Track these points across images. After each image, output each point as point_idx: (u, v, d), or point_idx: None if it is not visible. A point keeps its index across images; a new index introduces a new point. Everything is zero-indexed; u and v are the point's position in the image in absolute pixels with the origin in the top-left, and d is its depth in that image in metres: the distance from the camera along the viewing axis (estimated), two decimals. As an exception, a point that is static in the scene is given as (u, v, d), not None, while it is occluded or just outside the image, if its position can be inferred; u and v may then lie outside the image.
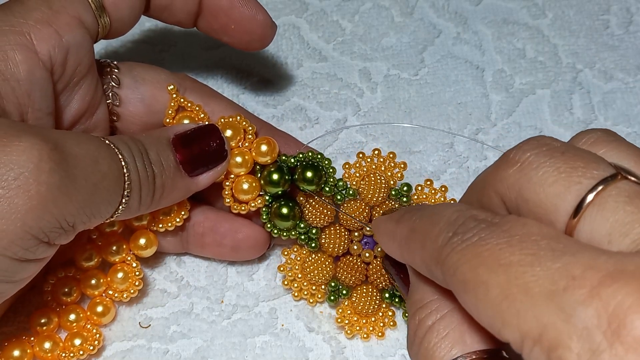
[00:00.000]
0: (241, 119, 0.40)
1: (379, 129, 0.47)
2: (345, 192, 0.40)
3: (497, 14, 0.52)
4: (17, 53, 0.33)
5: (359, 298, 0.39)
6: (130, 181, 0.34)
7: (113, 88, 0.39)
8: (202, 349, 0.40)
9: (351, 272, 0.39)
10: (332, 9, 0.52)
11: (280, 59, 0.50)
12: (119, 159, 0.34)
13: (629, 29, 0.51)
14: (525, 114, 0.48)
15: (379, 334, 0.40)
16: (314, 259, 0.40)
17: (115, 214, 0.35)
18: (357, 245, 0.40)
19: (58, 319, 0.40)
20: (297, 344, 0.40)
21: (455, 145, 0.47)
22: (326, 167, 0.40)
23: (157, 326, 0.41)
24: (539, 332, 0.23)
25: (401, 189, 0.40)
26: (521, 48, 0.50)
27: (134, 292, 0.40)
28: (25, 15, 0.34)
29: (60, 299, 0.40)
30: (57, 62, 0.35)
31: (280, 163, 0.40)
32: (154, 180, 0.36)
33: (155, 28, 0.51)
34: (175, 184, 0.37)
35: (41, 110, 0.35)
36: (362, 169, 0.40)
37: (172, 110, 0.39)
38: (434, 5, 0.52)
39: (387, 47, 0.50)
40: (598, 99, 0.48)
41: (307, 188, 0.39)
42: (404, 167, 0.40)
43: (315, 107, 0.48)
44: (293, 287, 0.40)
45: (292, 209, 0.39)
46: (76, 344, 0.39)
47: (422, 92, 0.49)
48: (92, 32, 0.37)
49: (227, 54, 0.50)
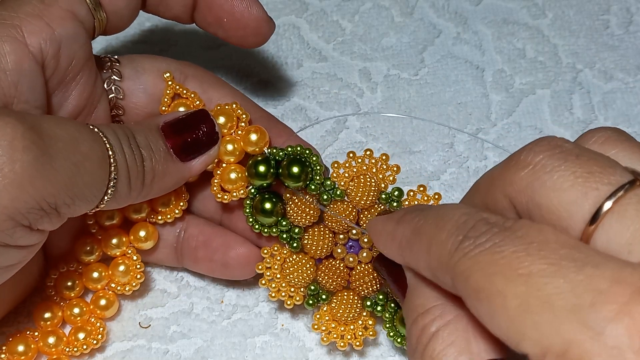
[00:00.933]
0: (236, 107, 0.39)
1: (379, 129, 0.47)
2: (332, 192, 0.38)
3: (497, 14, 0.52)
4: (6, 44, 0.33)
5: (339, 304, 0.38)
6: (116, 163, 0.34)
7: (116, 82, 0.39)
8: (202, 349, 0.40)
9: (332, 277, 0.38)
10: (332, 9, 0.52)
11: (280, 59, 0.50)
12: (102, 142, 0.33)
13: (629, 29, 0.51)
14: (525, 114, 0.48)
15: (357, 343, 0.38)
16: (295, 259, 0.38)
17: (104, 199, 0.34)
18: (341, 248, 0.38)
19: (62, 313, 0.40)
20: (297, 344, 0.40)
21: (456, 145, 0.47)
22: (313, 164, 0.38)
23: (157, 326, 0.41)
24: (564, 349, 0.22)
25: (392, 194, 0.38)
26: (521, 48, 0.50)
27: (136, 285, 0.40)
28: (17, 9, 0.34)
29: (63, 293, 0.40)
30: (49, 55, 0.34)
31: (269, 155, 0.39)
32: (143, 164, 0.35)
33: (155, 28, 0.51)
34: (167, 169, 0.36)
35: (28, 102, 0.34)
36: (351, 169, 0.38)
37: (168, 98, 0.39)
38: (434, 5, 0.52)
39: (387, 47, 0.50)
40: (598, 99, 0.48)
41: (291, 184, 0.38)
42: (397, 171, 0.39)
43: (315, 107, 0.48)
44: (271, 287, 0.38)
45: (275, 205, 0.38)
46: (80, 338, 0.39)
47: (422, 92, 0.49)
48: (87, 26, 0.36)
49: (227, 53, 0.50)
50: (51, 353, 0.39)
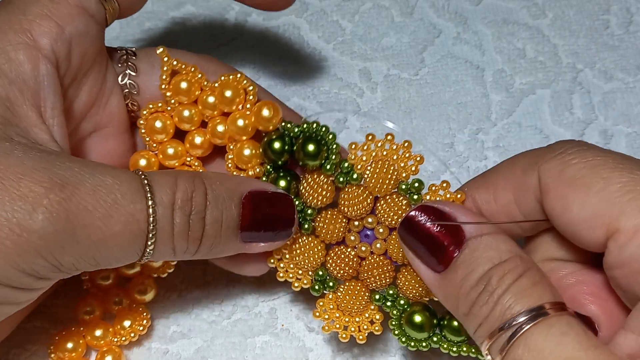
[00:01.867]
0: (241, 77, 0.37)
1: (379, 129, 0.47)
2: (348, 176, 0.36)
3: (497, 14, 0.52)
4: (20, 53, 0.32)
5: (345, 294, 0.36)
6: (155, 231, 0.31)
7: (130, 76, 0.37)
8: (202, 349, 0.40)
9: (341, 265, 0.36)
10: (332, 9, 0.52)
11: (280, 59, 0.50)
12: (144, 209, 0.31)
13: (629, 29, 0.51)
14: (525, 114, 0.48)
15: (360, 337, 0.36)
16: (305, 241, 0.37)
17: (142, 258, 0.32)
18: (354, 235, 0.36)
19: (102, 305, 0.40)
20: (297, 344, 0.40)
21: (456, 145, 0.47)
22: (330, 142, 0.36)
23: (157, 326, 0.41)
24: None
25: (412, 185, 0.36)
26: (521, 48, 0.50)
27: (144, 330, 0.40)
28: (25, 10, 0.33)
29: (99, 285, 0.40)
30: (62, 55, 0.34)
31: (283, 131, 0.37)
32: (201, 238, 0.33)
33: (155, 28, 0.51)
34: (226, 247, 0.34)
35: (55, 108, 0.33)
36: (370, 152, 0.36)
37: (167, 75, 0.37)
38: (434, 5, 0.52)
39: (387, 47, 0.50)
40: (598, 98, 0.48)
41: (308, 163, 0.36)
42: (421, 161, 0.36)
43: (315, 107, 0.48)
44: (279, 267, 0.37)
45: (289, 183, 0.36)
46: (126, 326, 0.39)
47: (422, 92, 0.49)
48: (98, 19, 0.35)
49: (227, 53, 0.50)
50: (100, 345, 0.39)
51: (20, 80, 0.32)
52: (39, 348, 0.40)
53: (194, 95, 0.38)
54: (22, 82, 0.32)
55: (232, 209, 0.34)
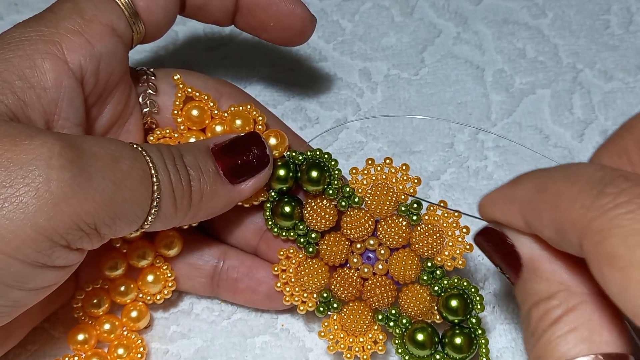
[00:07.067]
0: (251, 109, 0.38)
1: (379, 129, 0.47)
2: (350, 199, 0.37)
3: (497, 14, 0.52)
4: (46, 61, 0.33)
5: (349, 314, 0.37)
6: (159, 182, 0.33)
7: (150, 96, 0.38)
8: (202, 349, 0.40)
9: (345, 286, 0.37)
10: (332, 9, 0.52)
11: (281, 59, 0.50)
12: (144, 160, 0.33)
13: (629, 29, 0.51)
14: (525, 114, 0.48)
15: (365, 357, 0.37)
16: (310, 264, 0.38)
17: (148, 219, 0.33)
18: (357, 258, 0.38)
19: (95, 332, 0.39)
20: (297, 344, 0.40)
21: (456, 145, 0.47)
22: (332, 168, 0.38)
23: (157, 326, 0.41)
24: None
25: (410, 206, 0.37)
26: (521, 48, 0.50)
27: (168, 293, 0.40)
28: (57, 25, 0.34)
29: (91, 312, 0.39)
30: (89, 72, 0.34)
31: (288, 158, 0.38)
32: (190, 183, 0.34)
33: (155, 28, 0.51)
34: (216, 191, 0.35)
35: (69, 119, 0.34)
36: (370, 176, 0.38)
37: (180, 101, 0.38)
38: (434, 5, 0.52)
39: (387, 47, 0.50)
40: (598, 98, 0.48)
41: (310, 188, 0.37)
42: (418, 183, 0.37)
43: (315, 107, 0.48)
44: (285, 291, 0.38)
45: (294, 208, 0.38)
46: (121, 354, 0.38)
47: (422, 92, 0.49)
48: (125, 40, 0.36)
49: (228, 54, 0.50)
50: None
51: (40, 86, 0.33)
52: (39, 348, 0.40)
53: (204, 123, 0.39)
54: (42, 89, 0.33)
55: (207, 159, 0.35)
